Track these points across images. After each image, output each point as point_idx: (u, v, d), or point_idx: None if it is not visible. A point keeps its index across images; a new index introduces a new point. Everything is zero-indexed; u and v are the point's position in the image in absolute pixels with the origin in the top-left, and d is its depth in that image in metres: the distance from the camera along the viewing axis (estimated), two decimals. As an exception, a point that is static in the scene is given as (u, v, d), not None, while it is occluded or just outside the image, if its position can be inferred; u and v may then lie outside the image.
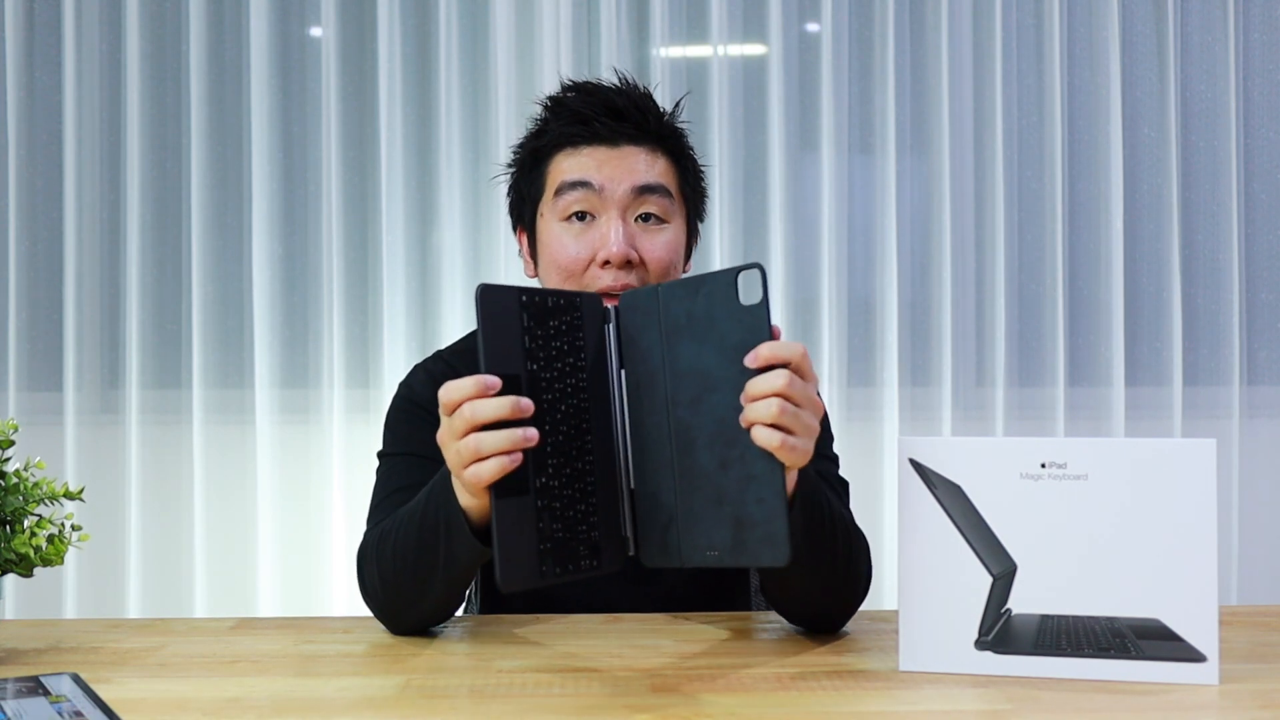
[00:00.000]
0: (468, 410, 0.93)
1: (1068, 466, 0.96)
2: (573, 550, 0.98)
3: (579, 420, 1.01)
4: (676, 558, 1.00)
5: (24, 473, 1.07)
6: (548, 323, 0.99)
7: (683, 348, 0.99)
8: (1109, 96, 2.47)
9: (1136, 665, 0.95)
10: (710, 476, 0.97)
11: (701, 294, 0.99)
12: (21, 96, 2.46)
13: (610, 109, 1.25)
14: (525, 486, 0.95)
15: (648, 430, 1.02)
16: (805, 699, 0.92)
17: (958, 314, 2.47)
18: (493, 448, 0.92)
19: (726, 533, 0.96)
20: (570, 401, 1.00)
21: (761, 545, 0.93)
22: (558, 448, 0.98)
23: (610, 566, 1.02)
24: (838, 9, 2.45)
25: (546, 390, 0.98)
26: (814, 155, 2.48)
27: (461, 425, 0.93)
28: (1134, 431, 2.46)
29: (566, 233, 1.25)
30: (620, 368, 1.05)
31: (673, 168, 1.29)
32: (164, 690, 0.97)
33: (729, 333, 0.96)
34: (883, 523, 2.42)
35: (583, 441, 1.01)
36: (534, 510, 0.95)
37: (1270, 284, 2.55)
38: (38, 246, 2.48)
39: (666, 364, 1.01)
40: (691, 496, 0.98)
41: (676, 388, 1.00)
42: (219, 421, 2.44)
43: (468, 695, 0.94)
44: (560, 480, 0.98)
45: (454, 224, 2.43)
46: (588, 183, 1.24)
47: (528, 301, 0.98)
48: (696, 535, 0.98)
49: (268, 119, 2.44)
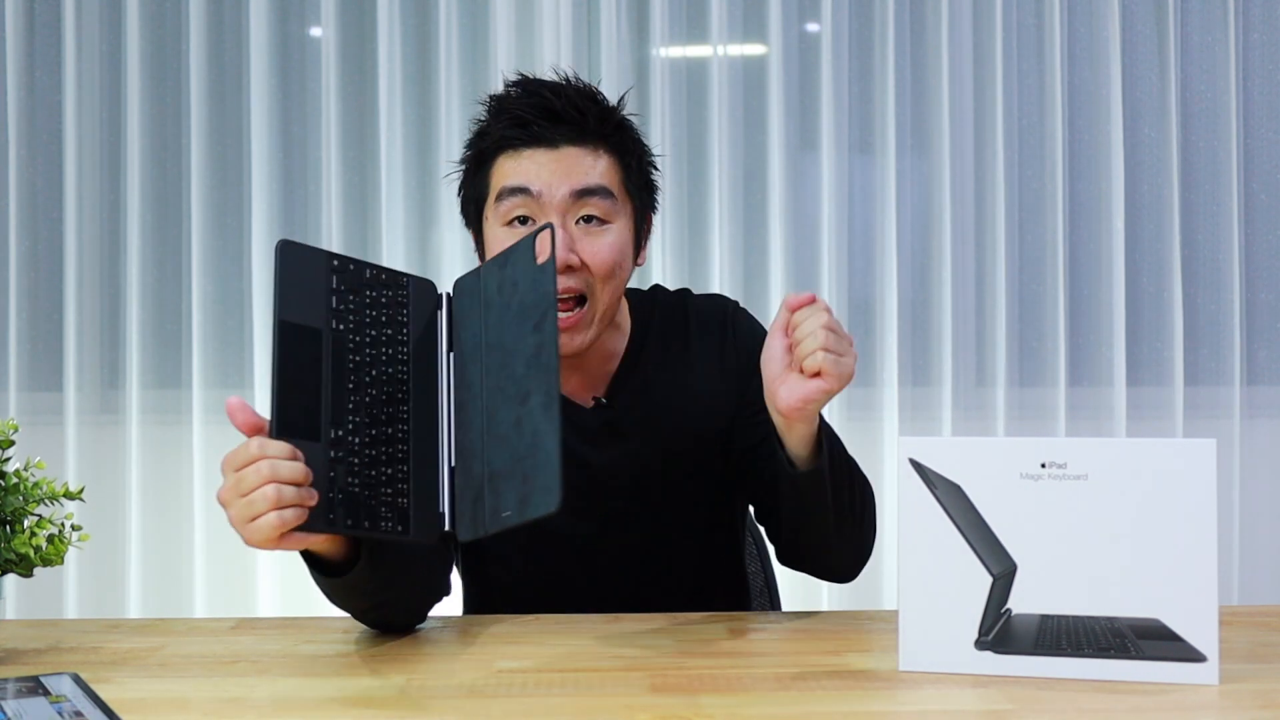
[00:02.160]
0: (232, 479, 0.93)
1: (1068, 466, 0.96)
2: (369, 509, 0.98)
3: (394, 389, 1.02)
4: (482, 528, 0.99)
5: (24, 473, 1.07)
6: (364, 292, 1.02)
7: (493, 319, 1.02)
8: (1109, 96, 2.47)
9: (1136, 665, 0.95)
10: (509, 439, 0.98)
11: (509, 264, 1.02)
12: (21, 96, 2.46)
13: (548, 111, 1.24)
14: (315, 433, 0.96)
15: (467, 407, 1.04)
16: (805, 699, 0.92)
17: (958, 314, 2.47)
18: (264, 504, 0.91)
19: (517, 490, 0.96)
20: (384, 369, 1.02)
21: (540, 495, 0.93)
22: (362, 407, 1.00)
23: (420, 537, 1.02)
24: (838, 9, 2.45)
25: (355, 352, 1.00)
26: (814, 155, 2.48)
27: (234, 490, 0.93)
28: (1135, 432, 2.46)
29: (509, 237, 1.23)
30: (449, 350, 1.07)
31: (616, 165, 1.28)
32: (164, 690, 0.97)
33: (525, 295, 0.99)
34: (883, 523, 2.41)
35: (396, 409, 1.02)
36: (325, 460, 0.96)
37: (1270, 284, 2.55)
38: (38, 246, 2.48)
39: (482, 338, 1.03)
40: (495, 463, 0.99)
41: (488, 359, 1.02)
42: (219, 421, 2.44)
43: (468, 695, 0.94)
44: (363, 439, 0.99)
45: (454, 224, 2.43)
46: (526, 189, 1.23)
47: (340, 266, 1.01)
48: (497, 500, 0.98)
49: (268, 119, 2.44)
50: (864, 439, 2.45)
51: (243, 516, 0.92)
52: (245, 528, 0.93)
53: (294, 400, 0.95)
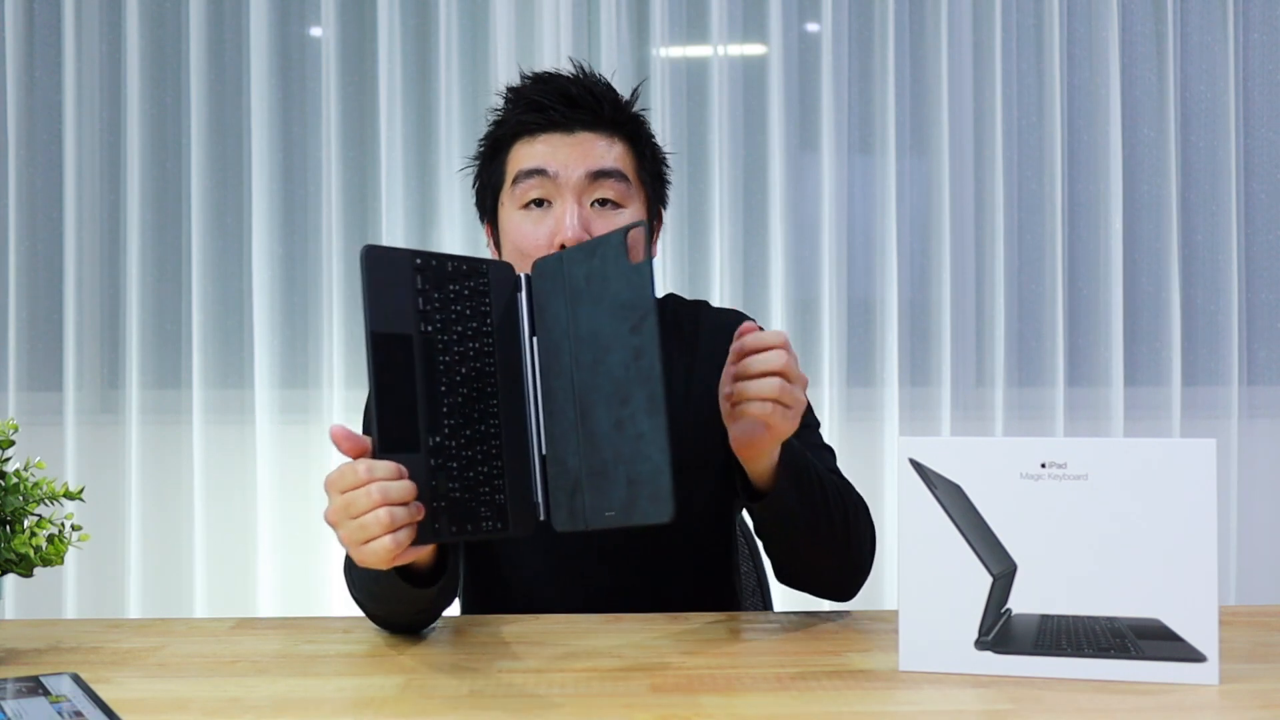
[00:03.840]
0: (341, 502, 0.93)
1: (1068, 466, 0.96)
2: (471, 511, 0.98)
3: (483, 384, 1.01)
4: (582, 521, 1.00)
5: (24, 473, 1.07)
6: (446, 286, 1.00)
7: (583, 311, 1.01)
8: (1109, 96, 2.47)
9: (1136, 665, 0.95)
10: (608, 437, 0.98)
11: (597, 256, 1.00)
12: (21, 96, 2.46)
13: (565, 96, 1.27)
14: (416, 444, 0.95)
15: (556, 396, 1.03)
16: (805, 699, 0.92)
17: (957, 314, 2.47)
18: (378, 528, 0.91)
19: (622, 492, 0.96)
20: (473, 365, 1.01)
21: (649, 503, 0.94)
22: (456, 409, 0.98)
23: (518, 531, 1.02)
24: (838, 9, 2.45)
25: (444, 352, 0.99)
26: (814, 155, 2.48)
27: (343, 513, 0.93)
28: (1134, 431, 2.46)
29: (526, 220, 1.27)
30: (533, 334, 1.06)
31: (630, 153, 1.31)
32: (164, 690, 0.97)
33: (619, 292, 0.98)
34: (883, 523, 2.41)
35: (487, 405, 1.01)
36: (426, 469, 0.95)
37: (1270, 284, 2.55)
38: (38, 246, 2.48)
39: (570, 328, 1.02)
40: (593, 458, 0.99)
41: (579, 351, 1.01)
42: (219, 421, 2.44)
43: (468, 695, 0.94)
44: (459, 441, 0.98)
45: (453, 224, 2.43)
46: (543, 170, 1.26)
47: (422, 264, 0.99)
48: (598, 498, 0.99)
49: (268, 119, 2.44)
50: (864, 439, 2.45)
51: (355, 540, 0.93)
52: (358, 550, 0.93)
53: (393, 414, 0.94)
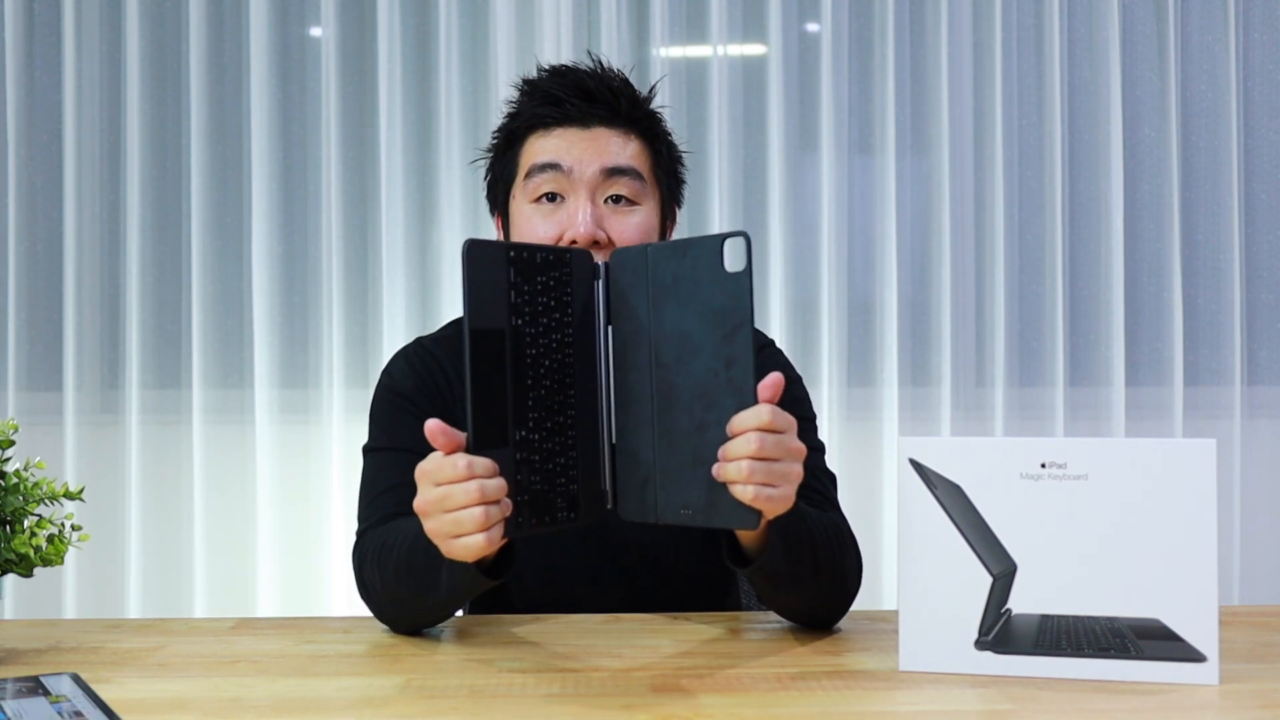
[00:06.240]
0: (437, 494, 0.93)
1: (1068, 466, 0.96)
2: (549, 503, 0.99)
3: (563, 375, 1.01)
4: (653, 514, 1.01)
5: (24, 473, 1.07)
6: (535, 278, 1.00)
7: (668, 308, 1.01)
8: (1109, 96, 2.47)
9: (1136, 665, 0.95)
10: (688, 437, 0.98)
11: (688, 257, 1.00)
12: (21, 96, 2.46)
13: (582, 90, 1.26)
14: (505, 439, 0.95)
15: (631, 387, 1.03)
16: (805, 699, 0.92)
17: (957, 314, 2.47)
18: (473, 525, 0.92)
19: (701, 493, 0.97)
20: (555, 356, 1.01)
21: (732, 509, 0.94)
22: (539, 402, 0.99)
23: (588, 518, 1.03)
24: (838, 9, 2.45)
25: (531, 345, 0.99)
26: (814, 155, 2.48)
27: (437, 505, 0.93)
28: (1134, 431, 2.46)
29: (537, 213, 1.26)
30: (608, 324, 1.06)
31: (646, 150, 1.30)
32: (164, 690, 0.97)
33: (712, 298, 0.97)
34: (883, 523, 2.42)
35: (565, 396, 1.01)
36: (512, 464, 0.96)
37: (1270, 284, 2.55)
38: (38, 246, 2.48)
39: (652, 323, 1.02)
40: (670, 455, 0.99)
41: (660, 347, 1.01)
42: (219, 421, 2.44)
43: (468, 695, 0.94)
44: (541, 434, 0.99)
45: (454, 224, 2.43)
46: (557, 164, 1.25)
47: (515, 256, 0.99)
48: (673, 493, 0.99)
49: (268, 119, 2.44)
50: (864, 439, 2.45)
51: (446, 532, 0.93)
52: (448, 543, 0.94)
53: (486, 411, 0.95)
